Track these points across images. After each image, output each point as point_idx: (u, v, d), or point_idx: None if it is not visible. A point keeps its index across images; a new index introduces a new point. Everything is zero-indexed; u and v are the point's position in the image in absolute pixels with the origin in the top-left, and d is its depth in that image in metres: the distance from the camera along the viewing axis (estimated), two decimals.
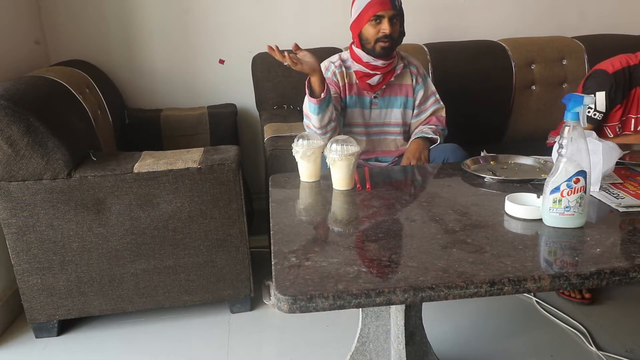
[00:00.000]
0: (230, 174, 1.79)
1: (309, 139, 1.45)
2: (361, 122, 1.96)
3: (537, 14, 2.79)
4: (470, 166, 1.56)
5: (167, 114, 2.49)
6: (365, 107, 1.96)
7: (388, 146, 2.01)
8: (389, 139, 2.01)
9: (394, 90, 1.96)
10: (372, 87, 1.92)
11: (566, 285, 0.94)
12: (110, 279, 1.83)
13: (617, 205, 1.24)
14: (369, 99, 1.95)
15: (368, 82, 1.90)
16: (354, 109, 1.95)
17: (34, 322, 1.86)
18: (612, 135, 1.99)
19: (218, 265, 1.88)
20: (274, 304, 1.38)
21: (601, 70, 1.95)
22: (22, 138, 1.65)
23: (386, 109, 1.98)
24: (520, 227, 1.16)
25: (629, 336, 1.82)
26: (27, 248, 1.76)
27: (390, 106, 1.97)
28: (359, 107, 1.95)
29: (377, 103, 1.96)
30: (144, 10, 2.52)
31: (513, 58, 2.52)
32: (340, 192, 1.38)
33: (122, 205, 1.76)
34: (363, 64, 1.88)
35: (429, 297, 0.91)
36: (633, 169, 1.50)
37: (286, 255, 1.02)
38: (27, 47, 2.34)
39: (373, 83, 1.90)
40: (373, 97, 1.94)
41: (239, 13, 2.58)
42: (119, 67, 2.57)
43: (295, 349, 1.80)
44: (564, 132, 1.11)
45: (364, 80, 1.90)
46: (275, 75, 2.42)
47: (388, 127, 2.00)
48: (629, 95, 1.93)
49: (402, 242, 1.11)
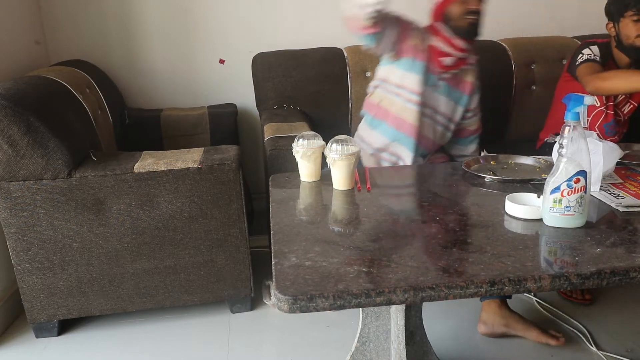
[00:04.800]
0: (231, 173, 1.79)
1: (309, 139, 1.45)
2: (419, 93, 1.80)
3: (537, 14, 2.79)
4: (471, 166, 1.56)
5: (167, 114, 2.49)
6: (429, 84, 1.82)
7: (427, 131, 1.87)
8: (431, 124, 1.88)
9: (455, 81, 1.87)
10: (445, 67, 1.81)
11: (566, 285, 0.94)
12: (111, 279, 1.83)
13: (618, 205, 1.24)
14: (435, 78, 1.82)
15: (441, 59, 1.78)
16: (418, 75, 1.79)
17: (34, 322, 1.86)
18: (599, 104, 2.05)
19: (218, 265, 1.88)
20: (274, 303, 1.37)
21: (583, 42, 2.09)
22: (22, 138, 1.65)
23: (442, 95, 1.86)
24: (520, 227, 1.16)
25: (629, 336, 1.82)
26: (28, 248, 1.76)
27: (448, 96, 1.87)
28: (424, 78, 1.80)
29: (440, 85, 1.84)
30: (144, 10, 2.52)
31: (513, 58, 2.52)
32: (340, 192, 1.38)
33: (122, 205, 1.76)
34: (442, 37, 1.77)
35: (429, 297, 0.91)
36: (633, 168, 1.50)
37: (286, 255, 1.02)
38: (27, 47, 2.34)
39: (446, 63, 1.79)
40: (438, 78, 1.83)
41: (239, 13, 2.58)
42: (119, 67, 2.57)
43: (295, 349, 1.80)
44: (564, 132, 1.11)
45: (436, 57, 1.78)
46: (275, 75, 2.42)
47: (436, 115, 1.88)
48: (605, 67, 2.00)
49: (402, 242, 1.11)
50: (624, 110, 2.06)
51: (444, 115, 1.90)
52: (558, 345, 1.73)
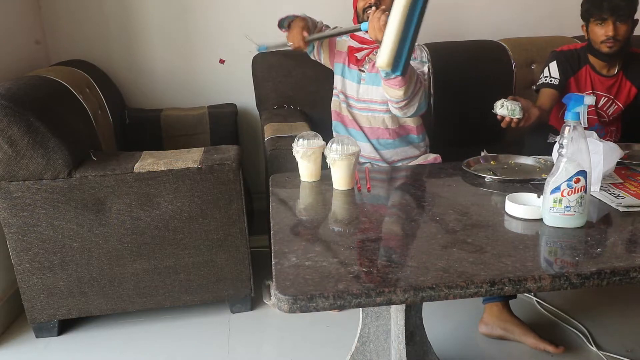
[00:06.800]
0: (231, 173, 1.79)
1: (309, 139, 1.45)
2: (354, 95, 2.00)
3: (537, 14, 2.79)
4: (471, 166, 1.56)
5: (167, 114, 2.49)
6: (354, 81, 1.99)
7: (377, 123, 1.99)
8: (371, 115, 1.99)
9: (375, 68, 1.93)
10: (358, 61, 1.96)
11: (567, 285, 0.94)
12: (111, 279, 1.83)
13: (618, 205, 1.24)
14: (358, 73, 1.98)
15: (356, 54, 1.96)
16: (346, 79, 2.01)
17: (34, 322, 1.86)
18: None
19: (218, 265, 1.88)
20: (274, 303, 1.37)
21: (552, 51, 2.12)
22: (22, 138, 1.65)
23: (372, 86, 1.96)
24: (520, 227, 1.16)
25: (629, 336, 1.82)
26: (28, 248, 1.76)
27: (377, 83, 1.94)
28: (349, 79, 2.00)
29: (365, 78, 1.97)
30: (144, 10, 2.52)
31: (513, 58, 2.52)
32: (340, 192, 1.38)
33: (122, 205, 1.76)
34: (355, 36, 1.96)
35: (429, 297, 0.91)
36: (633, 168, 1.50)
37: (286, 255, 1.02)
38: (27, 47, 2.34)
39: (360, 57, 1.95)
40: (359, 70, 1.97)
41: (239, 13, 2.58)
42: (119, 67, 2.56)
43: (295, 349, 1.80)
44: (564, 132, 1.11)
45: (352, 53, 1.96)
46: (275, 75, 2.42)
47: (373, 104, 1.98)
48: (579, 74, 2.03)
49: (403, 242, 1.11)
50: (608, 111, 2.07)
51: (380, 102, 1.97)
52: (557, 353, 1.72)
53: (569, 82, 2.02)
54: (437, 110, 2.45)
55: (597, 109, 2.06)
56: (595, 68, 2.01)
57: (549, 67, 2.04)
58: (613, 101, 2.05)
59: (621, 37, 1.87)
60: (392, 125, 1.98)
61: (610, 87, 2.03)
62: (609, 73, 2.02)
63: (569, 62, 2.02)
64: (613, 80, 2.02)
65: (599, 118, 2.07)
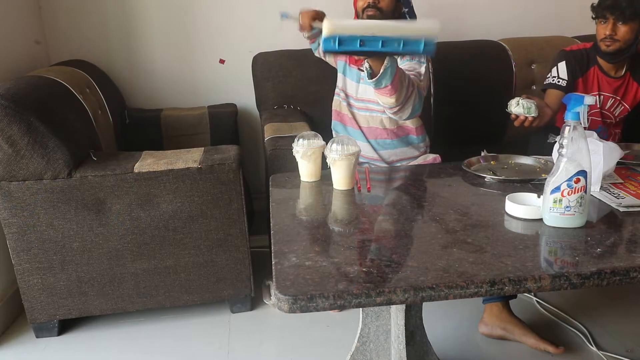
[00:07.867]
0: (231, 173, 1.79)
1: (309, 139, 1.45)
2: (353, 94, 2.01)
3: (537, 14, 2.79)
4: (471, 166, 1.56)
5: (167, 114, 2.49)
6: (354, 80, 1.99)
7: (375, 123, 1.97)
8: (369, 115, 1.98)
9: None
10: (357, 60, 1.95)
11: (567, 285, 0.94)
12: (111, 279, 1.83)
13: (618, 205, 1.24)
14: (357, 72, 1.97)
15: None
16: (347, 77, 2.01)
17: (34, 322, 1.86)
18: None
19: (218, 265, 1.88)
20: (274, 303, 1.37)
21: (561, 50, 2.10)
22: (22, 138, 1.65)
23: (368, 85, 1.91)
24: (520, 226, 1.16)
25: (629, 336, 1.82)
26: (28, 248, 1.76)
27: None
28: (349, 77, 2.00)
29: (364, 78, 1.93)
30: (144, 10, 2.52)
31: (513, 58, 2.52)
32: (340, 192, 1.37)
33: (122, 205, 1.76)
34: None
35: (429, 297, 0.91)
36: (633, 168, 1.50)
37: (286, 255, 1.02)
38: (27, 47, 2.33)
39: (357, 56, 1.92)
40: (359, 69, 1.95)
41: (239, 13, 2.58)
42: (119, 67, 2.57)
43: (295, 349, 1.80)
44: (564, 132, 1.11)
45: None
46: (275, 75, 2.42)
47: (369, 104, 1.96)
48: (587, 74, 2.02)
49: (402, 242, 1.11)
50: (615, 113, 2.06)
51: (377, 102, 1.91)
52: (557, 354, 1.72)
53: (577, 83, 2.01)
54: (437, 110, 2.45)
55: (604, 111, 2.05)
56: (603, 69, 2.01)
57: (558, 68, 2.02)
58: (620, 102, 2.04)
59: (620, 37, 1.87)
60: (390, 126, 1.97)
61: (617, 88, 2.02)
62: (617, 74, 2.01)
63: (578, 63, 2.01)
64: (620, 82, 2.01)
65: (604, 120, 2.06)
